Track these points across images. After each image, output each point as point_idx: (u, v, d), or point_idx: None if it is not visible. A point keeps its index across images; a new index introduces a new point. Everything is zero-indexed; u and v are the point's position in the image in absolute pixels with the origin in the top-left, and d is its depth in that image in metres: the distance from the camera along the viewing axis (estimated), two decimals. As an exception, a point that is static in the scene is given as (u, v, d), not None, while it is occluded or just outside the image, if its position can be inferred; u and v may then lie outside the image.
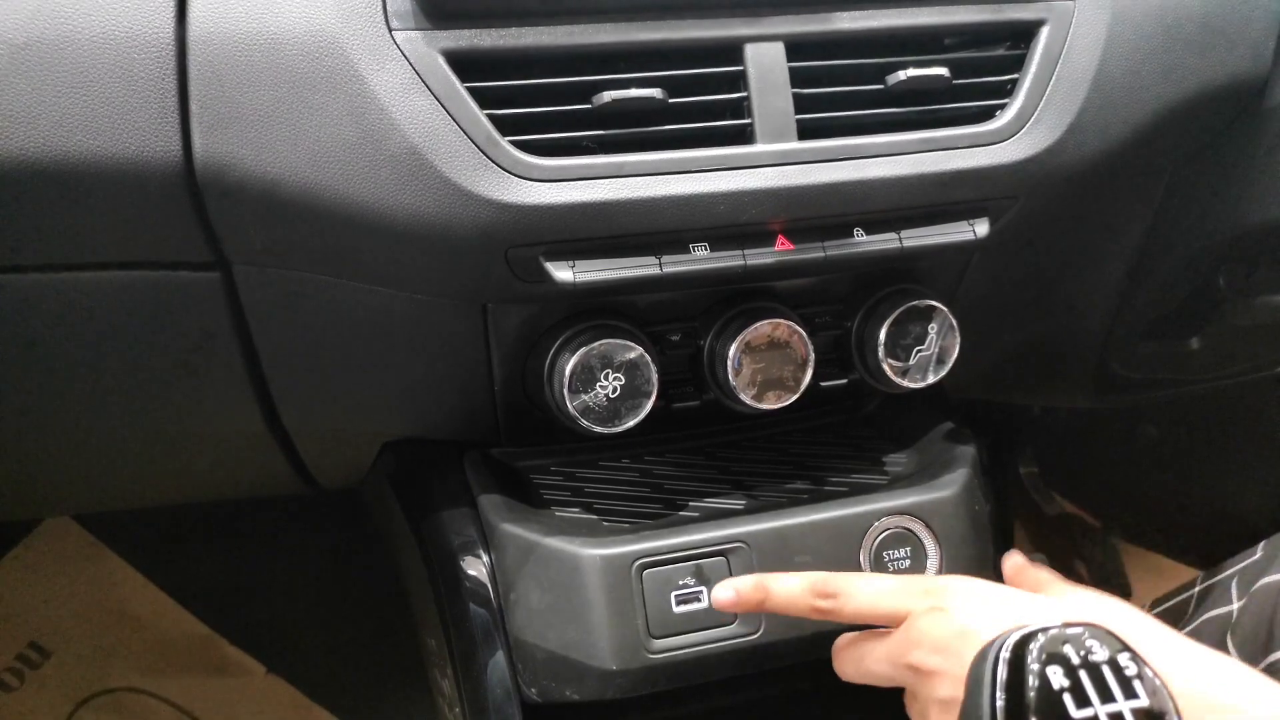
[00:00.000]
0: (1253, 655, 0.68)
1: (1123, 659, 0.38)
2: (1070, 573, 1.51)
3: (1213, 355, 0.98)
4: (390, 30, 0.56)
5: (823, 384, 0.74)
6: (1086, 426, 1.45)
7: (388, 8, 0.56)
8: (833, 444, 0.82)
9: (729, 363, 0.68)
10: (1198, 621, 0.74)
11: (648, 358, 0.66)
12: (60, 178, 0.55)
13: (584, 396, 0.65)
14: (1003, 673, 0.39)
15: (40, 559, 1.28)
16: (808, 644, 0.69)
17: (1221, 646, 0.71)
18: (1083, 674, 0.37)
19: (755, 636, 0.67)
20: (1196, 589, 0.79)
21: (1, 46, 0.53)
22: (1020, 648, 0.39)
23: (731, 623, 0.67)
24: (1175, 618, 0.78)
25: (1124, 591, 1.52)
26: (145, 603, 1.28)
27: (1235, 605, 0.72)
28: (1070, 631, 0.39)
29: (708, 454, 0.80)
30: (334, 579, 1.32)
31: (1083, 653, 0.38)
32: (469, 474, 0.76)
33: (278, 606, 1.30)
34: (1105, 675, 0.37)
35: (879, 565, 0.70)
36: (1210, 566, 0.78)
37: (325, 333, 0.69)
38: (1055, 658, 0.38)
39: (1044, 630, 0.40)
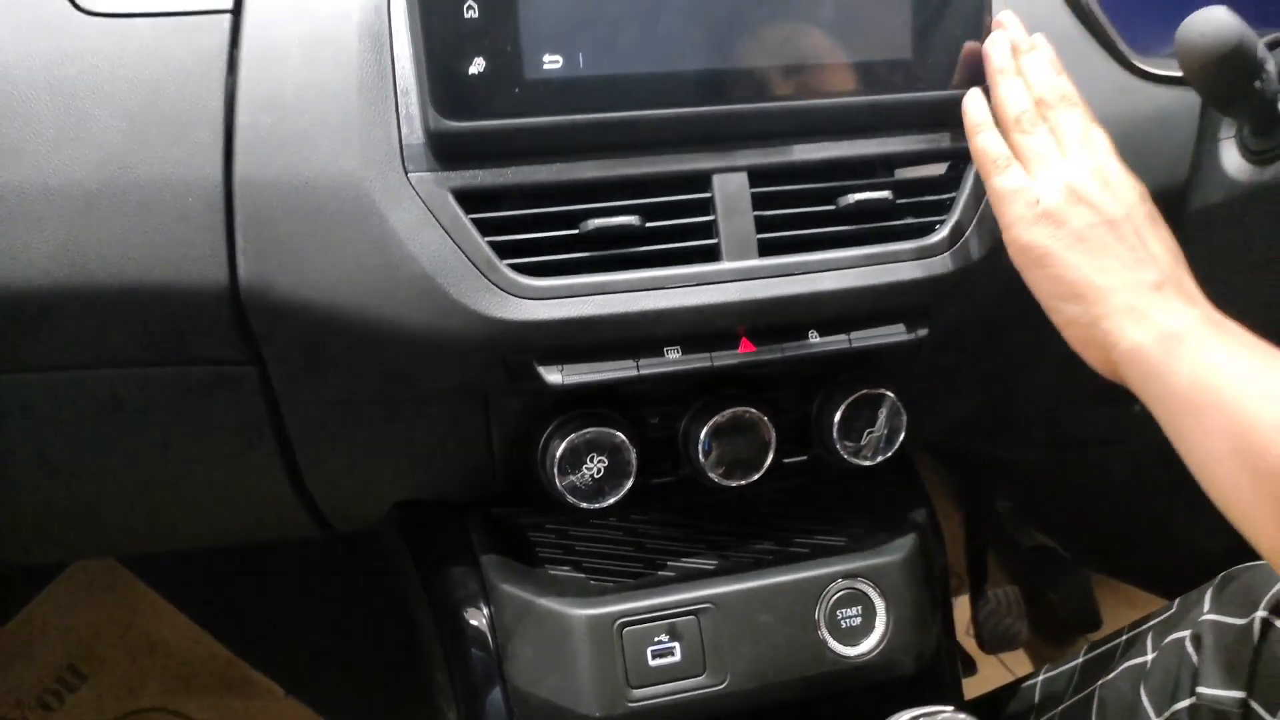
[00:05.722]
0: (1159, 704, 0.76)
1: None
2: (1043, 602, 1.58)
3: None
4: (406, 172, 0.66)
5: (785, 460, 0.83)
6: (1057, 465, 1.51)
7: (404, 152, 0.66)
8: (799, 505, 0.91)
9: (699, 445, 0.77)
10: (1118, 670, 0.82)
11: (628, 443, 0.75)
12: (126, 299, 0.65)
13: (572, 477, 0.74)
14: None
15: (78, 589, 1.37)
16: (774, 690, 0.78)
17: (1135, 694, 0.78)
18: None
19: (722, 687, 0.76)
20: (1123, 638, 0.86)
21: (78, 192, 0.63)
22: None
23: (701, 674, 0.76)
24: (1105, 661, 0.85)
25: (1094, 621, 1.58)
26: (173, 629, 1.38)
27: (1149, 656, 0.79)
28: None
29: (686, 513, 0.89)
30: (349, 610, 1.41)
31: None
32: (472, 534, 0.84)
33: (297, 635, 1.39)
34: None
35: (833, 623, 0.79)
36: (1176, 597, 0.84)
37: (348, 416, 0.78)
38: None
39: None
